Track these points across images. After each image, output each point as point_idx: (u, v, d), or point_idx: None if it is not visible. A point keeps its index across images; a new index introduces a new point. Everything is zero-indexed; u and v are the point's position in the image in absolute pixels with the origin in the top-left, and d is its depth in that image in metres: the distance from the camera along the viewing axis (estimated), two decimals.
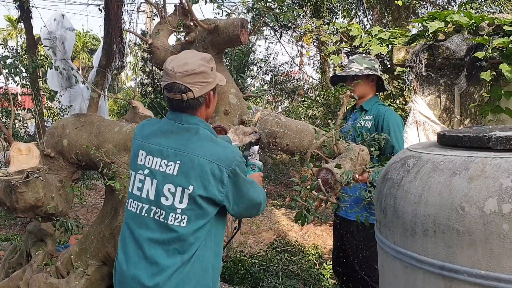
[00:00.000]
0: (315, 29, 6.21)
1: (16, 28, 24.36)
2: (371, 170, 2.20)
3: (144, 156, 1.66)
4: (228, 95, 2.50)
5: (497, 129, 1.53)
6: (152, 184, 1.63)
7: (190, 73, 1.59)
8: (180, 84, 1.59)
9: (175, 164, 1.59)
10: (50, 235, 2.94)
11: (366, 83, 2.93)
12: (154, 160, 1.63)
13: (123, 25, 6.11)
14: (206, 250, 1.62)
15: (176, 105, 1.64)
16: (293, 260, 4.13)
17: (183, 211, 1.58)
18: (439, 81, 4.30)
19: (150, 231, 1.61)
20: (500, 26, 3.79)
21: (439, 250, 1.24)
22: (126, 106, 9.85)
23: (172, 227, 1.58)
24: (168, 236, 1.58)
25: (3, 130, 2.50)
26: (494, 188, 1.17)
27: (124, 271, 1.63)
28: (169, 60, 1.65)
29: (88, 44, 25.46)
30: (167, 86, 1.62)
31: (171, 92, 1.61)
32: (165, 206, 1.59)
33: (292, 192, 7.45)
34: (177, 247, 1.58)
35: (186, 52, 1.72)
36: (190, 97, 1.60)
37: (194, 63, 1.61)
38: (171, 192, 1.59)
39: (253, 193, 1.69)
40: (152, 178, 1.63)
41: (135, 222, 1.66)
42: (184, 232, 1.58)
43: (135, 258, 1.62)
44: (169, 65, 1.62)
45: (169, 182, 1.59)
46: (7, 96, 4.85)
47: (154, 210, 1.61)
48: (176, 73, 1.58)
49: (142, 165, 1.67)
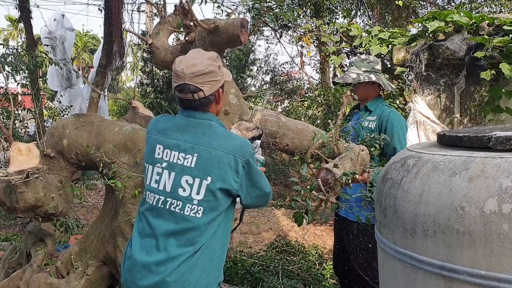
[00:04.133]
0: (315, 29, 6.21)
1: (16, 28, 24.36)
2: (371, 170, 2.20)
3: (162, 150, 1.72)
4: (228, 95, 2.50)
5: (497, 129, 1.53)
6: (169, 177, 1.69)
7: (200, 73, 1.65)
8: (191, 84, 1.66)
9: (193, 157, 1.66)
10: (50, 235, 2.94)
11: (367, 86, 2.91)
12: (172, 154, 1.70)
13: (123, 25, 6.12)
14: (214, 240, 1.69)
15: (188, 104, 1.71)
16: (293, 260, 4.13)
17: (199, 202, 1.64)
18: (439, 81, 4.30)
19: (166, 222, 1.68)
20: (500, 26, 3.79)
21: (439, 250, 1.24)
22: (126, 106, 9.86)
23: (188, 218, 1.65)
24: (183, 226, 1.65)
25: (3, 130, 2.50)
26: (494, 188, 1.17)
27: (136, 259, 1.70)
28: (178, 61, 1.70)
29: (88, 44, 25.45)
30: (178, 87, 1.68)
31: (183, 93, 1.68)
32: (182, 197, 1.66)
33: (292, 192, 7.45)
34: (190, 237, 1.65)
35: (193, 52, 1.76)
36: (201, 96, 1.68)
37: (202, 64, 1.67)
38: (188, 183, 1.66)
39: (264, 182, 1.78)
40: (170, 171, 1.69)
41: (151, 214, 1.72)
42: (199, 223, 1.64)
43: (149, 247, 1.68)
44: (178, 66, 1.68)
45: (186, 174, 1.66)
46: (7, 96, 4.85)
47: (170, 202, 1.68)
48: (186, 74, 1.65)
49: (160, 158, 1.72)
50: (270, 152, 7.90)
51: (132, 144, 2.45)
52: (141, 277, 1.67)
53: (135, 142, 2.44)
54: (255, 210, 6.60)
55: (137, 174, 2.39)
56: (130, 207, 2.40)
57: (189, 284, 1.63)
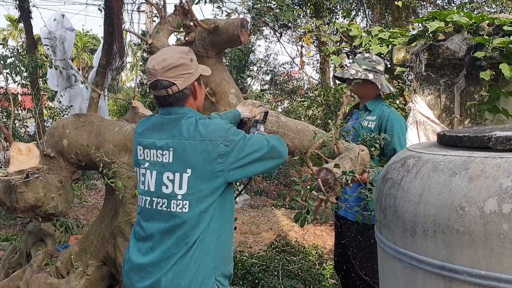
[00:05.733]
0: (315, 29, 6.21)
1: (16, 28, 24.35)
2: (371, 170, 2.20)
3: (142, 150, 1.72)
4: (228, 95, 2.50)
5: (497, 129, 1.53)
6: (152, 176, 1.68)
7: (170, 67, 1.63)
8: (163, 80, 1.63)
9: (169, 152, 1.64)
10: (50, 235, 2.95)
11: (365, 84, 2.90)
12: (151, 153, 1.69)
13: (123, 25, 6.12)
14: (208, 233, 1.65)
15: (163, 101, 1.69)
16: (293, 260, 4.13)
17: (183, 197, 1.62)
18: (439, 81, 4.30)
19: (156, 222, 1.67)
20: (500, 26, 3.79)
21: (439, 250, 1.24)
22: (126, 106, 9.85)
23: (175, 214, 1.62)
24: (172, 223, 1.63)
25: (3, 130, 2.50)
26: (494, 188, 1.17)
27: (132, 261, 1.70)
28: (150, 59, 1.69)
29: (88, 44, 25.43)
30: (151, 84, 1.67)
31: (156, 90, 1.66)
32: (166, 195, 1.64)
33: (292, 192, 7.45)
34: (181, 234, 1.62)
35: (164, 49, 1.75)
36: (175, 91, 1.65)
37: (172, 57, 1.65)
38: (170, 179, 1.63)
39: (260, 143, 1.69)
40: (152, 170, 1.68)
41: (142, 216, 1.72)
42: (187, 217, 1.62)
43: (143, 249, 1.68)
44: (149, 64, 1.66)
45: (167, 170, 1.64)
46: (7, 96, 4.85)
47: (156, 201, 1.67)
48: (157, 70, 1.63)
49: (142, 159, 1.72)
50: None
51: (132, 144, 2.45)
52: (139, 279, 1.67)
53: None
54: (255, 210, 6.61)
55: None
56: (130, 207, 2.40)
57: (186, 281, 1.62)
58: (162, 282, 1.62)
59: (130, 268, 1.71)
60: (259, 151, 1.67)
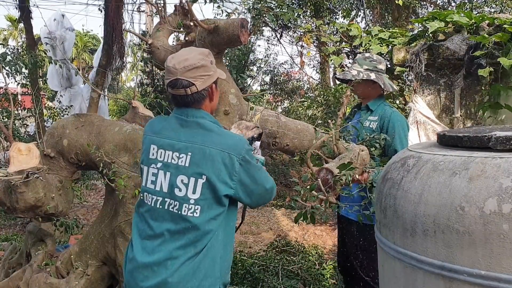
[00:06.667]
0: (315, 29, 6.21)
1: (16, 28, 24.35)
2: (371, 170, 2.20)
3: (156, 150, 1.72)
4: (228, 95, 2.49)
5: (497, 129, 1.53)
6: (165, 177, 1.68)
7: (191, 67, 1.65)
8: (183, 79, 1.65)
9: (187, 156, 1.65)
10: (50, 235, 2.94)
11: (367, 84, 2.89)
12: (166, 153, 1.69)
13: (123, 25, 6.12)
14: (216, 241, 1.67)
15: (181, 100, 1.70)
16: (293, 260, 4.13)
17: (196, 201, 1.63)
18: (439, 81, 4.30)
19: (165, 223, 1.67)
20: (500, 26, 3.79)
21: (439, 250, 1.24)
22: (126, 106, 9.85)
23: (186, 218, 1.63)
24: (182, 226, 1.64)
25: (3, 130, 2.50)
26: (494, 188, 1.17)
27: (137, 260, 1.69)
28: (170, 58, 1.70)
29: (88, 44, 25.43)
30: (170, 83, 1.67)
31: (175, 88, 1.67)
32: (178, 197, 1.65)
33: (292, 192, 7.45)
34: (190, 237, 1.63)
35: (185, 50, 1.76)
36: (194, 91, 1.66)
37: (194, 58, 1.67)
38: (184, 183, 1.65)
39: (265, 178, 1.75)
40: (165, 171, 1.69)
41: (150, 215, 1.71)
42: (197, 222, 1.63)
43: (150, 248, 1.68)
44: (170, 62, 1.68)
45: (182, 173, 1.65)
46: (7, 96, 4.85)
47: (168, 202, 1.67)
48: (178, 69, 1.64)
49: (154, 159, 1.72)
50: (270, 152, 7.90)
51: (132, 144, 2.45)
52: (143, 278, 1.66)
53: (135, 142, 2.44)
54: (255, 210, 6.60)
55: (137, 174, 2.39)
56: (130, 207, 2.40)
57: (192, 285, 1.62)
58: (169, 283, 1.62)
59: (134, 267, 1.71)
60: (261, 185, 1.73)
